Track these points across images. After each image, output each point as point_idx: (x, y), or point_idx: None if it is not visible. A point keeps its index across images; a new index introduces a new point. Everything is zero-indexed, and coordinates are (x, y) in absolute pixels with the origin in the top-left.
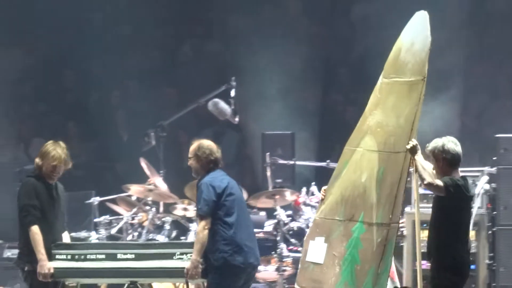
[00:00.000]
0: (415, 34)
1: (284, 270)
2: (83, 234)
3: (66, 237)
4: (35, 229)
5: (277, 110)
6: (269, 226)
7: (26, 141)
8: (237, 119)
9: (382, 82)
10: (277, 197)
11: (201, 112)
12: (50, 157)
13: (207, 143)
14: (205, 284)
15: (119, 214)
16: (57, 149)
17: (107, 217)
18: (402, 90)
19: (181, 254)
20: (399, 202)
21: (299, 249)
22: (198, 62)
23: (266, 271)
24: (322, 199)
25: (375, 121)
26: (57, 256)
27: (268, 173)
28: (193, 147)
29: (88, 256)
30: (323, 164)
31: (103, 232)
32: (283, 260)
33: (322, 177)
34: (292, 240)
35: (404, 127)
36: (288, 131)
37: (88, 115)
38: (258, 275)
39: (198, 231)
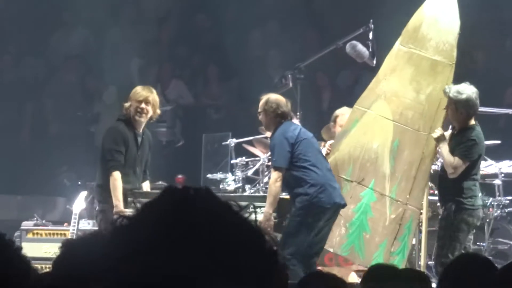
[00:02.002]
0: (441, 11)
1: (420, 213)
2: (219, 175)
3: (146, 186)
4: (116, 175)
5: None
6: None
7: (164, 83)
8: (374, 61)
9: (398, 48)
10: None
11: (339, 54)
12: (137, 95)
13: (274, 97)
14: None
15: (255, 156)
16: (144, 90)
17: (244, 159)
18: (422, 65)
19: (254, 207)
20: (420, 185)
21: (436, 192)
22: (338, 2)
23: None
24: (327, 154)
25: (390, 88)
26: (133, 204)
27: None
28: (261, 102)
29: None
30: None
31: (239, 174)
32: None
33: None
34: (429, 183)
35: (425, 106)
36: None
37: (226, 56)
38: None
39: (270, 184)
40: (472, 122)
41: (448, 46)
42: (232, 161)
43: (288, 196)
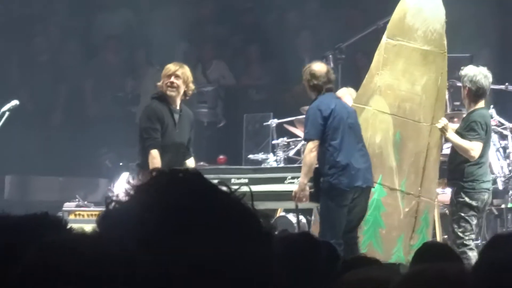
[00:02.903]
0: (424, 0)
1: None
2: (260, 156)
3: (191, 163)
4: (154, 153)
5: (456, 32)
6: (447, 149)
7: (205, 63)
8: None
9: (386, 42)
10: (455, 119)
11: (380, 35)
12: (166, 70)
13: (313, 67)
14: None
15: (297, 136)
16: (173, 65)
17: (285, 139)
18: (413, 57)
19: (292, 178)
20: (431, 177)
21: None
22: None
23: (444, 194)
24: None
25: (383, 82)
26: None
27: (447, 96)
28: (303, 71)
29: None
30: (501, 86)
31: (280, 154)
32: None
33: (501, 100)
34: None
35: (422, 96)
36: (467, 54)
37: (267, 36)
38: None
39: (305, 154)
40: (481, 105)
41: (436, 35)
42: (274, 142)
43: None
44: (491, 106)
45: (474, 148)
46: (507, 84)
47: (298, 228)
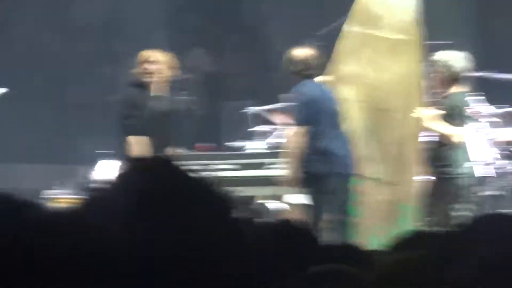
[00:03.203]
0: None
1: None
2: (239, 143)
3: (171, 150)
4: (134, 140)
5: (436, 20)
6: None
7: (184, 52)
8: None
9: (349, 31)
10: None
11: None
12: (140, 57)
13: (296, 53)
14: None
15: (276, 124)
16: (147, 51)
17: (264, 126)
18: (380, 46)
19: (272, 164)
20: (410, 164)
21: None
22: None
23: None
24: None
25: (348, 71)
26: None
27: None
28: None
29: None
30: (485, 74)
31: (259, 141)
32: None
33: (487, 87)
34: None
35: (394, 85)
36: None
37: (247, 24)
38: None
39: (288, 139)
40: (455, 89)
41: (407, 24)
42: (252, 129)
43: None
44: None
45: (456, 133)
46: (491, 71)
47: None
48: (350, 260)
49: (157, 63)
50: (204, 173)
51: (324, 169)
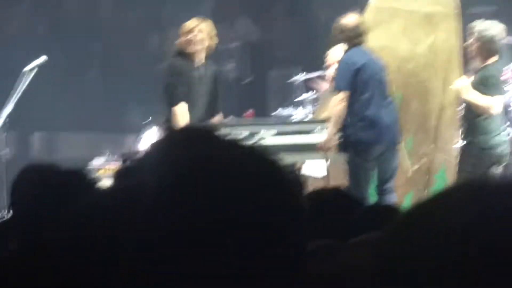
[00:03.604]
0: None
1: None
2: (287, 111)
3: (217, 119)
4: (178, 109)
5: None
6: None
7: (231, 19)
8: None
9: (377, 6)
10: None
11: None
12: (184, 27)
13: (346, 20)
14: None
15: (321, 92)
16: (191, 20)
17: (311, 94)
18: (413, 18)
19: (321, 129)
20: (446, 135)
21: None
22: None
23: None
24: None
25: (377, 43)
26: None
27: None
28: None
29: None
30: None
31: (307, 109)
32: None
33: None
34: None
35: (429, 56)
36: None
37: None
38: None
39: (333, 105)
40: (493, 60)
41: None
42: (300, 97)
43: None
44: None
45: (494, 103)
46: None
47: (328, 179)
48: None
49: (201, 33)
50: (250, 141)
51: (369, 137)
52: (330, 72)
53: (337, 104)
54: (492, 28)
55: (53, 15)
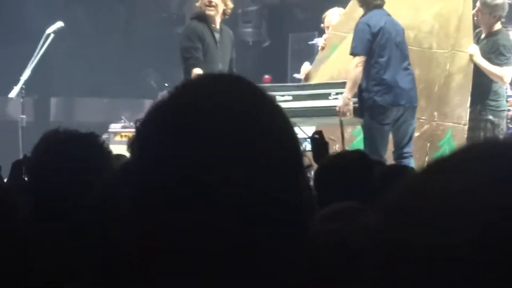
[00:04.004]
0: None
1: (509, 110)
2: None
3: None
4: (197, 72)
5: None
6: None
7: None
8: None
9: None
10: None
11: None
12: None
13: None
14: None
15: None
16: None
17: None
18: None
19: (336, 94)
20: (454, 101)
21: None
22: None
23: None
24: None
25: None
26: None
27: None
28: None
29: None
30: None
31: None
32: (507, 100)
33: None
34: None
35: (434, 24)
36: None
37: None
38: None
39: (350, 69)
40: (499, 26)
41: None
42: None
43: None
44: None
45: (506, 73)
46: None
47: (343, 143)
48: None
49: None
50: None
51: (386, 100)
52: (325, 36)
53: (354, 68)
54: None
55: None
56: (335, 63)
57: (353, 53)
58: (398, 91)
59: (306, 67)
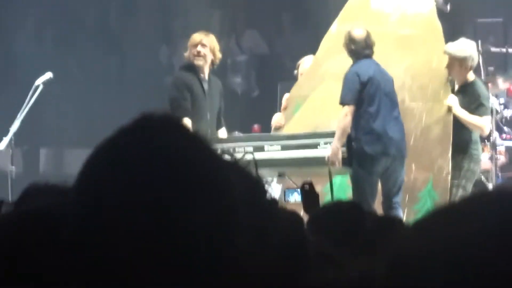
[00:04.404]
0: None
1: (497, 159)
2: None
3: (222, 133)
4: (186, 122)
5: None
6: None
7: (238, 33)
8: (448, 7)
9: (339, 30)
10: (489, 85)
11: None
12: (191, 40)
13: (354, 32)
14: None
15: None
16: (198, 34)
17: None
18: (384, 41)
19: (325, 143)
20: (434, 152)
21: None
22: None
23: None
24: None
25: (340, 68)
26: None
27: (481, 61)
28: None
29: (236, 149)
30: None
31: None
32: (496, 148)
33: None
34: (505, 128)
35: (405, 78)
36: (500, 18)
37: (300, 3)
38: None
39: (339, 118)
40: (473, 76)
41: (419, 17)
42: None
43: None
44: None
45: (485, 123)
46: None
47: (332, 193)
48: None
49: (209, 46)
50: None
51: (375, 150)
52: (286, 95)
53: (343, 117)
54: (464, 47)
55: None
56: (300, 121)
57: (343, 103)
58: (387, 141)
59: (277, 117)
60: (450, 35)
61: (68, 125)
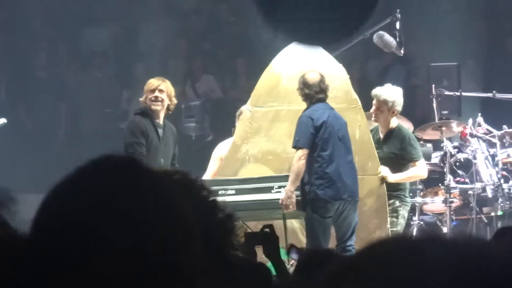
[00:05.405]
0: (291, 64)
1: (452, 202)
2: None
3: None
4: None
5: (442, 41)
6: (435, 158)
7: (194, 78)
8: (402, 51)
9: (254, 111)
10: (443, 128)
11: (367, 45)
12: (148, 85)
13: (308, 76)
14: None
15: None
16: (155, 79)
17: None
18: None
19: (279, 187)
20: (370, 226)
21: (467, 180)
22: None
23: (434, 203)
24: None
25: (259, 149)
26: None
27: (434, 105)
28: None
29: None
30: (489, 94)
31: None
32: (451, 191)
33: (488, 108)
34: (459, 172)
35: None
36: (454, 62)
37: (254, 49)
38: (425, 207)
39: (293, 162)
40: (396, 122)
41: (337, 91)
42: None
43: None
44: (479, 114)
45: (422, 169)
46: (494, 92)
47: (286, 237)
48: None
49: (166, 92)
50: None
51: (328, 194)
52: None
53: (297, 161)
54: (392, 92)
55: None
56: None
57: (296, 146)
58: (340, 185)
59: (219, 151)
60: (404, 79)
61: (20, 171)
